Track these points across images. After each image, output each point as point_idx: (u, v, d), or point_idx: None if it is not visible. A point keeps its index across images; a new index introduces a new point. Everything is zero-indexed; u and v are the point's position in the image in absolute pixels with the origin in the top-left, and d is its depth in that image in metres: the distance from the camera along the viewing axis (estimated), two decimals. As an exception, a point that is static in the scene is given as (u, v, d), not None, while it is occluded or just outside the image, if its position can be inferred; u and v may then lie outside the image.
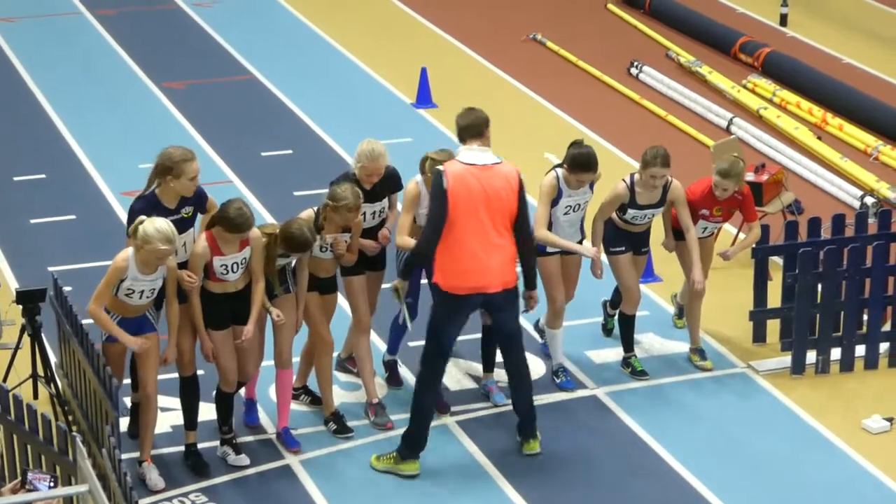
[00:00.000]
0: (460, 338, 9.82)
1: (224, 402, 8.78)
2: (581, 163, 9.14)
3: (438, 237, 8.36)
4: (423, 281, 9.24)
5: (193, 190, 8.49)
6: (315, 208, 8.83)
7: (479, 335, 9.67)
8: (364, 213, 8.95)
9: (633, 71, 15.21)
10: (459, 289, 8.41)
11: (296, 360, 9.21)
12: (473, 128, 8.60)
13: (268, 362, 9.01)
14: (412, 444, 8.61)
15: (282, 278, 8.73)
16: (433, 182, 8.47)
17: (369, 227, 9.06)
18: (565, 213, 9.28)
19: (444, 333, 8.58)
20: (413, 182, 9.00)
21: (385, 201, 9.14)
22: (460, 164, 8.41)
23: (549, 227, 9.23)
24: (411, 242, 8.81)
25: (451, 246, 8.37)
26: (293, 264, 8.80)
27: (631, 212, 9.47)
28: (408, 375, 9.70)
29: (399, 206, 9.19)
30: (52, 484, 6.50)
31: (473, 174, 8.37)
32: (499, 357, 9.42)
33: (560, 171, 9.24)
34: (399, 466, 8.64)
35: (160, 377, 8.60)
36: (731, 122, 13.86)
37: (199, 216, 8.69)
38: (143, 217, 8.15)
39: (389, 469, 8.66)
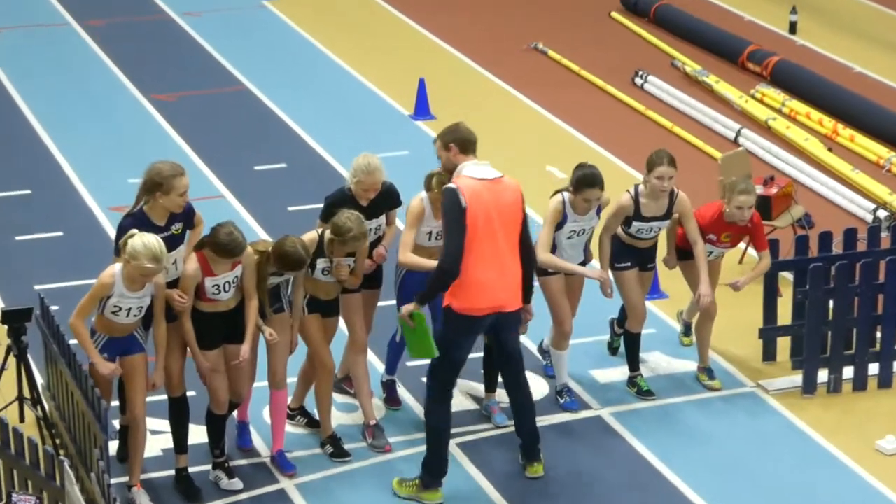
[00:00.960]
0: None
1: (215, 425, 8.67)
2: (587, 181, 9.03)
3: (462, 253, 8.12)
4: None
5: (183, 206, 8.35)
6: (318, 230, 8.65)
7: (479, 354, 9.52)
8: None
9: (638, 81, 15.19)
10: (476, 310, 8.22)
11: (292, 380, 9.05)
12: (472, 142, 8.52)
13: (261, 383, 8.86)
14: (433, 471, 8.48)
15: (274, 298, 8.55)
16: (447, 200, 8.22)
17: None
18: (569, 238, 9.23)
19: (457, 356, 8.42)
20: (418, 199, 8.88)
21: (382, 218, 9.01)
22: (472, 179, 8.24)
23: (553, 250, 9.14)
24: (415, 260, 8.74)
25: (466, 266, 8.15)
26: (290, 283, 8.62)
27: (636, 224, 9.32)
28: (406, 395, 9.56)
29: (398, 223, 9.09)
30: None
31: (487, 188, 8.23)
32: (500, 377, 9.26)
33: (567, 195, 9.11)
34: (422, 495, 8.52)
35: (150, 399, 8.50)
36: (738, 133, 13.81)
37: (188, 232, 8.53)
38: (134, 231, 8.06)
39: (412, 497, 8.54)
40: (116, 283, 8.05)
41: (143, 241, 7.94)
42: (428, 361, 8.48)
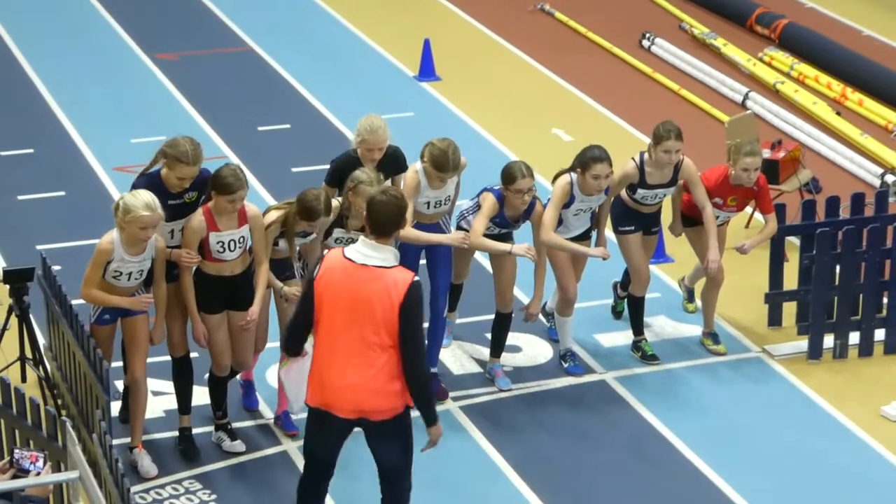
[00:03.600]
0: (464, 320, 9.67)
1: (217, 387, 8.63)
2: (595, 156, 8.95)
3: (299, 331, 7.21)
4: (423, 261, 9.07)
5: (180, 187, 8.26)
6: (338, 199, 8.63)
7: (481, 317, 9.59)
8: None
9: (645, 43, 15.11)
10: (310, 399, 7.24)
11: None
12: (391, 221, 7.08)
13: (271, 343, 8.81)
14: None
15: (285, 266, 8.52)
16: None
17: None
18: (575, 215, 9.20)
19: (310, 449, 7.38)
20: (412, 170, 8.85)
21: (388, 182, 8.98)
22: (340, 255, 7.11)
23: (558, 224, 9.10)
24: (412, 233, 8.70)
25: (314, 346, 7.18)
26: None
27: (641, 192, 9.29)
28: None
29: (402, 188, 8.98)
30: (41, 463, 6.38)
31: (347, 270, 7.04)
32: (509, 341, 9.36)
33: (574, 175, 9.03)
34: None
35: (153, 360, 8.47)
36: (746, 96, 13.74)
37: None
38: (123, 194, 8.01)
39: None
40: (116, 248, 7.99)
41: (133, 194, 7.94)
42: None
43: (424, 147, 8.80)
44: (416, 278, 7.03)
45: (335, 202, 8.51)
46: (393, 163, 8.97)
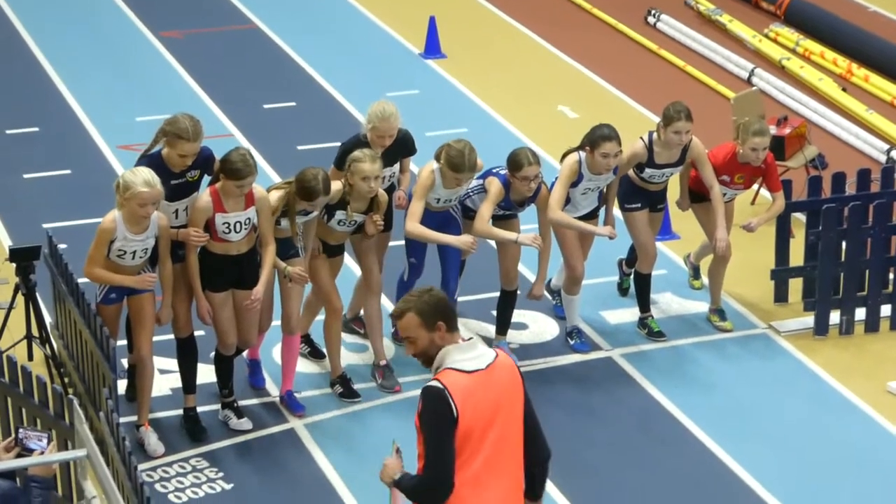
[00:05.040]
0: (469, 298, 9.67)
1: (223, 365, 8.64)
2: (604, 134, 8.93)
3: (453, 466, 5.78)
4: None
5: (182, 166, 8.25)
6: (343, 181, 8.60)
7: (487, 295, 9.57)
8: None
9: (651, 19, 15.07)
10: None
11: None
12: (454, 317, 5.92)
13: (275, 322, 8.82)
14: None
15: (288, 245, 8.53)
16: (429, 404, 5.77)
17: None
18: (583, 194, 9.18)
19: None
20: (428, 170, 8.79)
21: (396, 167, 9.01)
22: (459, 372, 5.80)
23: (566, 202, 9.08)
24: (422, 230, 8.70)
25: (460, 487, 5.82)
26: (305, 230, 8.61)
27: (649, 171, 9.30)
28: (416, 336, 9.49)
29: (413, 168, 9.03)
30: (44, 442, 6.35)
31: (481, 384, 5.82)
32: (515, 319, 9.35)
33: (583, 154, 8.99)
34: None
35: (159, 338, 8.46)
36: (752, 73, 13.71)
37: (207, 179, 8.46)
38: (123, 172, 8.01)
39: None
40: (118, 226, 7.98)
41: (132, 171, 7.94)
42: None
43: (440, 148, 8.75)
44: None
45: (338, 184, 8.50)
46: (402, 146, 8.94)
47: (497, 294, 9.29)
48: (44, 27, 14.78)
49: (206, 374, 8.71)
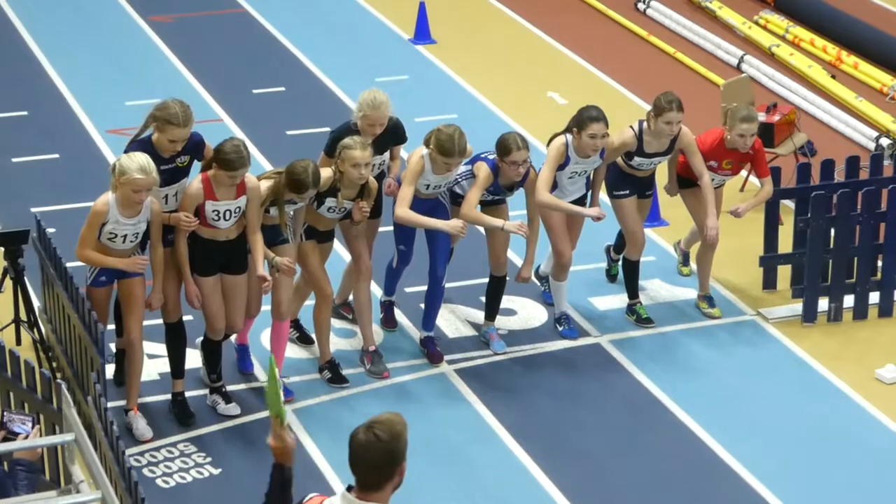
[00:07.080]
0: (458, 283, 9.68)
1: (211, 350, 8.63)
2: (591, 115, 8.92)
3: None
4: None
5: (172, 151, 8.23)
6: (332, 169, 8.58)
7: (475, 281, 9.56)
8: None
9: (641, 6, 15.07)
10: None
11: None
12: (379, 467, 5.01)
13: (264, 307, 8.81)
14: None
15: (276, 232, 8.51)
16: None
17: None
18: (570, 178, 9.17)
19: None
20: (418, 155, 8.78)
21: (386, 155, 8.99)
22: None
23: (553, 187, 9.07)
24: (411, 216, 8.70)
25: None
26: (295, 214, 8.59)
27: (638, 159, 9.32)
28: (403, 320, 9.56)
29: (403, 155, 9.01)
30: (29, 426, 6.35)
31: None
32: (503, 305, 9.34)
33: (569, 137, 9.00)
34: None
35: (147, 323, 8.45)
36: (741, 59, 13.72)
37: (198, 164, 8.44)
38: (119, 155, 7.98)
39: None
40: (111, 209, 7.98)
41: (130, 157, 7.92)
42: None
43: (430, 133, 8.75)
44: None
45: (327, 172, 8.49)
46: (393, 135, 8.93)
47: (485, 280, 9.30)
48: (33, 11, 14.73)
49: (193, 359, 8.70)
